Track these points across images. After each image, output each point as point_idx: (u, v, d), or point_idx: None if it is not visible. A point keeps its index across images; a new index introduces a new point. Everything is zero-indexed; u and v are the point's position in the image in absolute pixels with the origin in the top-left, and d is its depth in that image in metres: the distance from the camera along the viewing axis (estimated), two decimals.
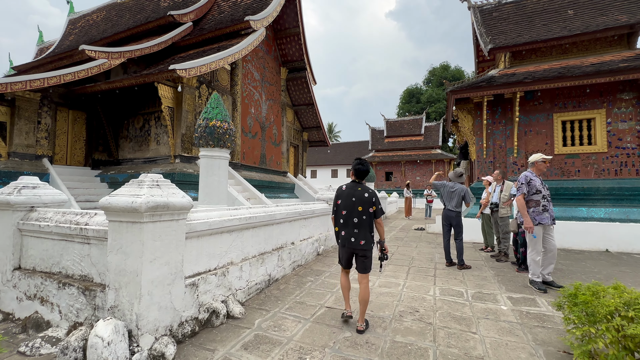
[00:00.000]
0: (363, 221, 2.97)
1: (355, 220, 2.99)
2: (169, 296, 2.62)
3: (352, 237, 2.97)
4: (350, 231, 2.99)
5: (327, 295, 3.89)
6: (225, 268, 3.40)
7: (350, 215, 3.01)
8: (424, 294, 3.97)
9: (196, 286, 2.93)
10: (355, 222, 2.98)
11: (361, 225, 2.97)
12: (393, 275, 4.94)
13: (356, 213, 2.99)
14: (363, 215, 2.98)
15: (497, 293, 3.97)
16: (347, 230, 3.01)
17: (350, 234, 2.98)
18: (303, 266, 5.37)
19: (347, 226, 3.01)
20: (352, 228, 2.99)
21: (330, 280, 4.51)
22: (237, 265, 3.59)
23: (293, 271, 4.96)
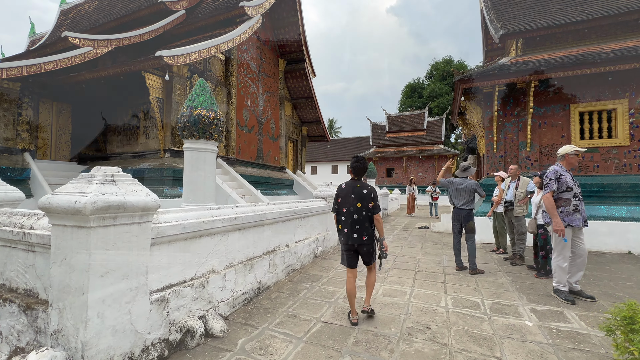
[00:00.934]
0: (363, 217, 3.02)
1: (355, 216, 3.03)
2: (127, 316, 2.13)
3: (355, 233, 3.02)
4: (352, 228, 3.03)
5: (324, 306, 3.41)
6: (204, 278, 2.91)
7: (351, 212, 3.05)
8: (435, 305, 3.48)
9: (166, 302, 2.45)
10: (355, 219, 3.03)
11: (362, 221, 3.02)
12: (398, 281, 4.45)
13: (356, 209, 3.03)
14: (362, 211, 3.03)
15: (518, 304, 3.48)
16: (349, 227, 3.04)
17: (352, 230, 3.03)
18: (298, 270, 4.88)
19: (349, 223, 3.05)
20: (354, 224, 3.02)
21: (329, 288, 4.02)
22: (219, 273, 3.10)
23: (287, 277, 4.48)
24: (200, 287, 2.81)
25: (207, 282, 2.90)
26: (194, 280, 2.80)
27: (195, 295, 2.75)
